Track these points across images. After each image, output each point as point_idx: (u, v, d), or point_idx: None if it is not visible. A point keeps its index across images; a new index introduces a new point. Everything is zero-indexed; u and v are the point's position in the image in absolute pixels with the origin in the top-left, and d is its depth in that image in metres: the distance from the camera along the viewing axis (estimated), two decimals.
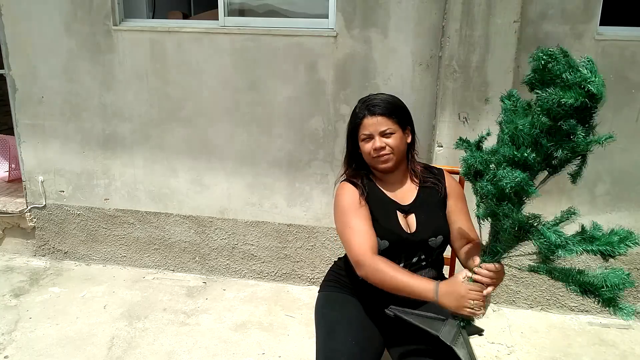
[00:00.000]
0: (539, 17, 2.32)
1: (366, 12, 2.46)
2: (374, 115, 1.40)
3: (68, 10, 2.71)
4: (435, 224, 1.44)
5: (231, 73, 2.66)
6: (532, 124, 1.02)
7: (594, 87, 0.94)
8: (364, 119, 1.41)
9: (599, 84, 0.95)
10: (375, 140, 1.40)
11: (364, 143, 1.43)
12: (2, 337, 2.32)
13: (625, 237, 1.01)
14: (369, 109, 1.41)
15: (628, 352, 2.32)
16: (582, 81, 0.95)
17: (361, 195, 1.43)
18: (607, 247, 1.00)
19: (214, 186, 2.86)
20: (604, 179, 2.47)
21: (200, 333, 2.40)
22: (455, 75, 2.34)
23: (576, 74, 0.96)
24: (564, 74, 0.96)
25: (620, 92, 2.36)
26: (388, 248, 1.40)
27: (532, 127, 1.02)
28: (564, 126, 0.99)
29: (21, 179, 3.10)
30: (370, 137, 1.41)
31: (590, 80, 0.94)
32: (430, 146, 2.51)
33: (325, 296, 1.58)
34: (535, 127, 1.01)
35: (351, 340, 1.38)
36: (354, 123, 1.45)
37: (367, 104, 1.43)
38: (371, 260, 1.32)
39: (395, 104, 1.44)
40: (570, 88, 0.96)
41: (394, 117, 1.41)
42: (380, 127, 1.40)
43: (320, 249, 2.83)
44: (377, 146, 1.40)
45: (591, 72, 0.96)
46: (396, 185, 1.49)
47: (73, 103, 2.85)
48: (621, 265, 2.55)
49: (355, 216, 1.41)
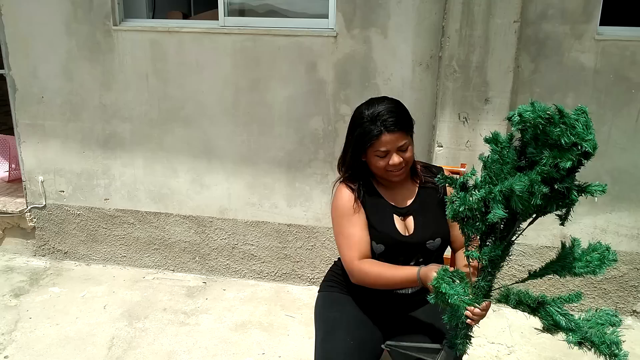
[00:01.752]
0: (539, 17, 2.31)
1: (366, 12, 2.46)
2: (391, 132, 1.33)
3: (68, 10, 2.70)
4: (433, 226, 1.43)
5: (231, 73, 2.66)
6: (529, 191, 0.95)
7: (589, 146, 0.92)
8: (382, 136, 1.33)
9: (593, 142, 0.93)
10: (394, 157, 1.35)
11: (379, 159, 1.37)
12: (2, 337, 2.32)
13: (604, 256, 1.03)
14: (385, 125, 1.32)
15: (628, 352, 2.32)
16: (579, 140, 0.92)
17: (357, 200, 1.42)
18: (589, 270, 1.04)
19: (214, 186, 2.86)
20: (604, 179, 2.47)
21: (200, 333, 2.40)
22: (455, 75, 2.34)
23: (572, 134, 0.92)
24: (562, 139, 0.92)
25: (620, 92, 2.36)
26: (384, 252, 1.40)
27: (531, 196, 0.96)
28: (560, 189, 0.96)
29: (21, 179, 3.10)
30: (387, 153, 1.36)
31: (586, 139, 0.92)
32: (430, 146, 2.51)
33: (324, 296, 1.58)
34: (536, 196, 0.95)
35: (350, 340, 1.38)
36: (367, 138, 1.35)
37: (381, 119, 1.33)
38: (358, 266, 1.36)
39: (405, 115, 1.38)
40: (568, 150, 0.93)
41: (407, 130, 1.37)
42: (397, 144, 1.34)
43: (320, 249, 2.83)
44: (395, 162, 1.35)
45: (586, 128, 0.93)
46: (396, 187, 1.47)
47: (73, 103, 2.85)
48: (621, 265, 2.56)
49: (348, 222, 1.41)
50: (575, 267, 1.04)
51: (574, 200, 0.99)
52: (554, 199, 0.98)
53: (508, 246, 1.08)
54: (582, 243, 1.09)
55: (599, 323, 1.03)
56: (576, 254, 1.05)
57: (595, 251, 1.04)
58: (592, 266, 1.03)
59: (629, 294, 2.60)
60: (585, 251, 1.06)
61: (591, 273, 1.04)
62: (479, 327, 1.28)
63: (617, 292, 2.60)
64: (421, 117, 2.51)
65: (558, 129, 0.92)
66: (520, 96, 2.40)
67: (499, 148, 1.03)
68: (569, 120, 0.92)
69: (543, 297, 1.07)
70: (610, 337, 0.99)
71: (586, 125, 0.93)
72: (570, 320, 1.02)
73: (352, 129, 1.41)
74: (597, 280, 2.60)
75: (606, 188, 0.99)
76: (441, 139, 2.42)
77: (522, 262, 2.62)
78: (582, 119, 0.93)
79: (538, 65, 2.38)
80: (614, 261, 1.03)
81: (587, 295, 2.62)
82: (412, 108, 1.50)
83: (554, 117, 0.93)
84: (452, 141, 2.42)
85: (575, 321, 1.02)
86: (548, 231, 2.53)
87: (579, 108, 0.95)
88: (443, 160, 2.42)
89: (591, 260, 1.03)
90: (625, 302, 2.61)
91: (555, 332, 1.06)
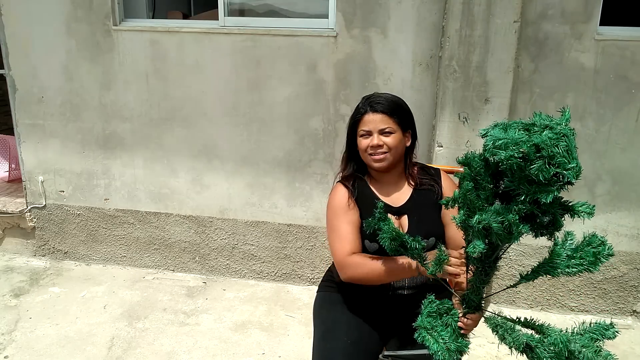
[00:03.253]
0: (539, 17, 2.31)
1: (366, 12, 2.46)
2: (375, 112, 1.40)
3: (68, 10, 2.70)
4: (427, 226, 1.43)
5: (231, 73, 2.66)
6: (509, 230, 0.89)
7: (572, 175, 0.83)
8: (365, 115, 1.41)
9: (575, 169, 0.83)
10: (373, 137, 1.40)
11: (362, 139, 1.43)
12: (2, 337, 2.32)
13: (599, 250, 0.95)
14: (371, 106, 1.41)
15: (628, 352, 2.32)
16: (560, 170, 0.83)
17: (350, 198, 1.44)
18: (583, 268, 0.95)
19: (214, 186, 2.86)
20: (604, 179, 2.47)
21: (200, 333, 2.40)
22: (455, 75, 2.34)
23: (552, 164, 0.82)
24: (541, 175, 0.82)
25: (620, 92, 2.36)
26: (378, 251, 1.41)
27: (509, 233, 0.90)
28: (544, 222, 0.91)
29: (21, 179, 3.10)
30: (369, 134, 1.41)
31: (568, 167, 0.82)
32: (430, 146, 2.51)
33: (323, 296, 1.58)
34: (515, 237, 0.90)
35: (348, 340, 1.39)
36: (354, 118, 1.45)
37: (370, 100, 1.42)
38: (350, 260, 1.36)
39: (399, 105, 1.44)
40: (547, 183, 0.84)
41: (395, 117, 1.41)
42: (380, 125, 1.39)
43: (320, 249, 2.83)
44: (374, 143, 1.39)
45: (568, 154, 0.82)
46: (390, 186, 1.48)
47: (73, 103, 2.85)
48: (621, 265, 2.56)
49: (341, 220, 1.42)
50: (568, 265, 0.96)
51: (559, 227, 0.92)
52: (537, 228, 0.92)
53: (495, 262, 1.04)
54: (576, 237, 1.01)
55: (593, 338, 0.95)
56: (569, 250, 0.98)
57: (589, 245, 0.96)
58: (586, 263, 0.94)
59: (629, 294, 2.60)
60: (578, 246, 0.97)
61: (585, 271, 0.96)
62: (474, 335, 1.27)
63: (617, 292, 2.60)
64: (421, 117, 2.51)
65: (535, 165, 0.82)
66: (521, 96, 2.40)
67: (472, 173, 0.96)
68: (546, 152, 0.82)
69: (530, 339, 0.99)
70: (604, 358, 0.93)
71: (567, 151, 0.82)
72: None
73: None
74: (597, 280, 2.60)
75: (594, 209, 0.91)
76: (441, 139, 2.42)
77: (522, 262, 2.62)
78: (562, 144, 0.83)
79: (538, 65, 2.38)
80: (609, 256, 0.94)
81: (587, 295, 2.62)
82: (412, 108, 1.51)
83: (529, 153, 0.83)
84: (452, 141, 2.42)
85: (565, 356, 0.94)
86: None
87: (559, 131, 0.84)
88: (443, 160, 2.42)
89: (585, 256, 0.95)
90: (625, 302, 2.61)
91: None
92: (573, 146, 0.84)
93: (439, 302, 1.09)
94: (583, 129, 2.42)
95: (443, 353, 1.03)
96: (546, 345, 0.96)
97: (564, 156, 0.82)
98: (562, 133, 0.84)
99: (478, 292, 1.10)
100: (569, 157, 0.82)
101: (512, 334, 1.02)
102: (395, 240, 1.14)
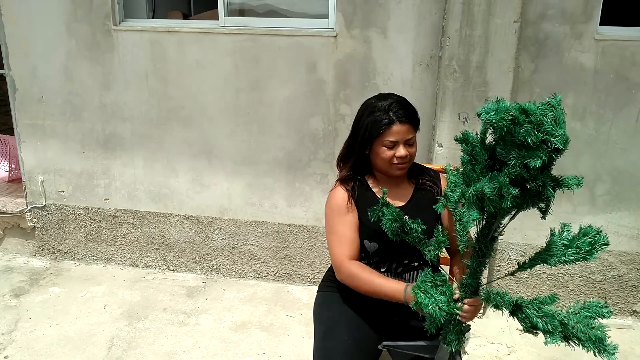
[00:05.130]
0: (539, 17, 2.32)
1: (366, 12, 2.46)
2: (402, 124, 1.37)
3: (68, 10, 2.71)
4: (429, 226, 1.43)
5: (231, 73, 2.66)
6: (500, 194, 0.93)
7: (559, 142, 0.87)
8: (393, 126, 1.36)
9: (563, 137, 0.88)
10: (400, 149, 1.38)
11: (386, 149, 1.38)
12: (2, 337, 2.32)
13: (595, 239, 0.99)
14: (397, 116, 1.36)
15: (628, 352, 2.32)
16: (547, 137, 0.88)
17: (350, 199, 1.44)
18: (579, 257, 0.99)
19: (214, 186, 2.86)
20: (604, 179, 2.47)
21: (200, 333, 2.40)
22: (455, 75, 2.34)
23: (540, 131, 0.88)
24: (529, 138, 0.87)
25: (620, 92, 2.36)
26: (378, 250, 1.41)
27: (501, 199, 0.93)
28: (533, 188, 0.93)
29: (21, 179, 3.10)
30: (395, 144, 1.38)
31: (555, 134, 0.87)
32: (430, 146, 2.51)
33: (323, 296, 1.58)
34: (506, 200, 0.93)
35: (348, 340, 1.39)
36: (378, 126, 1.37)
37: (393, 109, 1.37)
38: (347, 266, 1.37)
39: (415, 111, 1.43)
40: (536, 148, 0.89)
41: (415, 125, 1.41)
42: (406, 136, 1.38)
43: (320, 249, 2.83)
44: (402, 154, 1.38)
45: (555, 122, 0.88)
46: (393, 187, 1.48)
47: (73, 103, 2.85)
48: (621, 265, 2.56)
49: (340, 222, 1.43)
50: (565, 254, 1.00)
51: (549, 197, 0.95)
52: (529, 196, 0.95)
53: (491, 242, 1.06)
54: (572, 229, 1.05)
55: (587, 316, 0.98)
56: (566, 241, 1.02)
57: (585, 236, 1.00)
58: (582, 252, 0.99)
59: (629, 294, 2.60)
60: (575, 236, 1.02)
61: (582, 260, 0.99)
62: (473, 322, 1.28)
63: (617, 292, 2.60)
64: (421, 117, 2.46)
65: (523, 128, 0.88)
66: (521, 96, 2.40)
67: (469, 148, 1.01)
68: (534, 118, 0.88)
69: (520, 299, 1.04)
70: (595, 334, 0.95)
71: (555, 120, 0.88)
72: (548, 322, 0.98)
73: (361, 119, 1.43)
74: (597, 280, 2.60)
75: (582, 181, 0.95)
76: (441, 139, 2.42)
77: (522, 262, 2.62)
78: (549, 113, 0.89)
79: (538, 65, 2.38)
80: (605, 245, 0.98)
81: (587, 295, 2.62)
82: None
83: (518, 117, 0.89)
84: (452, 141, 2.41)
85: (554, 323, 0.98)
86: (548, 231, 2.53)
87: (546, 102, 0.90)
88: (443, 160, 2.42)
89: (581, 245, 0.99)
90: (625, 302, 2.61)
91: (535, 334, 1.03)
92: (561, 117, 0.89)
93: (435, 274, 1.12)
94: (583, 129, 2.42)
95: (433, 307, 1.06)
96: (536, 305, 1.00)
97: (551, 124, 0.88)
98: (550, 104, 0.90)
99: (476, 276, 1.11)
100: (555, 126, 0.88)
101: (503, 297, 1.05)
102: (397, 221, 1.16)
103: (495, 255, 2.64)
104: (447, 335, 1.19)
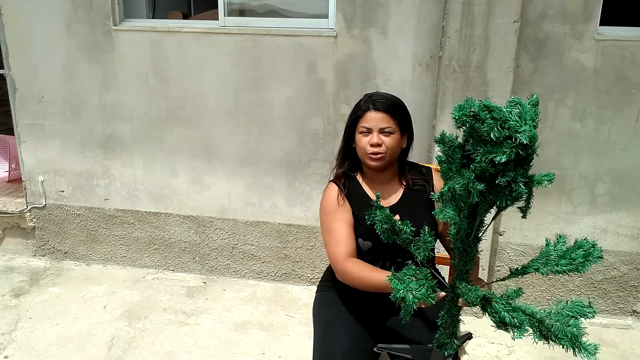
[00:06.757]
0: (539, 17, 2.32)
1: (366, 12, 2.46)
2: (377, 111, 1.40)
3: (68, 10, 2.71)
4: (419, 226, 1.43)
5: (231, 73, 2.66)
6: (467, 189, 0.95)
7: (524, 138, 0.88)
8: (367, 112, 1.41)
9: (528, 132, 0.88)
10: (373, 136, 1.40)
11: (361, 136, 1.43)
12: (2, 337, 2.32)
13: (589, 253, 0.99)
14: (374, 104, 1.41)
15: (628, 352, 2.32)
16: (512, 133, 0.89)
17: (340, 194, 1.45)
18: (572, 268, 1.00)
19: (214, 186, 2.86)
20: (604, 179, 2.47)
21: (200, 333, 2.41)
22: (455, 75, 2.34)
23: (504, 127, 0.89)
24: (492, 134, 0.89)
25: (620, 92, 2.36)
26: (372, 248, 1.41)
27: (469, 195, 0.95)
28: (502, 183, 0.93)
29: (21, 179, 3.10)
30: (369, 131, 1.41)
31: (519, 130, 0.88)
32: (430, 146, 2.51)
33: (322, 296, 1.58)
34: (473, 195, 0.94)
35: (347, 340, 1.39)
36: (355, 115, 1.44)
37: (372, 98, 1.43)
38: (343, 264, 1.37)
39: (400, 106, 1.45)
40: (501, 143, 0.90)
41: (397, 117, 1.41)
42: (381, 124, 1.40)
43: (320, 248, 2.83)
44: (374, 142, 1.40)
45: (520, 119, 0.89)
46: (383, 185, 1.49)
47: (73, 103, 2.85)
48: (621, 265, 2.56)
49: (334, 220, 1.43)
50: (558, 264, 1.00)
51: (521, 193, 0.95)
52: (501, 193, 0.95)
53: (475, 242, 1.06)
54: (568, 241, 1.06)
55: (569, 315, 0.97)
56: (560, 252, 1.03)
57: (580, 248, 1.01)
58: (576, 263, 0.99)
59: (629, 294, 2.60)
60: (570, 248, 1.02)
61: (574, 271, 1.00)
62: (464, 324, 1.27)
63: (617, 292, 2.60)
64: (421, 117, 2.51)
65: (486, 124, 0.90)
66: (521, 96, 2.38)
67: (446, 148, 1.03)
68: (497, 114, 0.90)
69: (489, 293, 1.03)
70: (570, 331, 0.95)
71: (519, 116, 0.89)
72: (515, 317, 0.97)
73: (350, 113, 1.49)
74: (597, 280, 2.60)
75: (553, 177, 0.96)
76: None
77: (522, 262, 2.62)
78: (515, 110, 0.90)
79: (538, 65, 2.38)
80: (599, 258, 0.99)
81: (587, 295, 2.62)
82: (412, 108, 1.52)
83: (481, 113, 0.91)
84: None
85: (520, 317, 0.96)
86: (548, 231, 2.53)
87: (512, 100, 0.92)
88: None
89: (575, 257, 1.00)
90: (625, 302, 2.61)
91: (506, 329, 1.02)
92: (528, 114, 0.90)
93: (417, 268, 1.11)
94: (583, 129, 2.42)
95: (404, 292, 1.04)
96: (504, 299, 0.99)
97: (516, 120, 0.89)
98: (515, 102, 0.92)
99: (463, 277, 1.11)
100: (520, 122, 0.89)
101: (472, 291, 1.04)
102: (387, 223, 1.17)
103: (495, 255, 2.64)
104: (440, 338, 1.19)
